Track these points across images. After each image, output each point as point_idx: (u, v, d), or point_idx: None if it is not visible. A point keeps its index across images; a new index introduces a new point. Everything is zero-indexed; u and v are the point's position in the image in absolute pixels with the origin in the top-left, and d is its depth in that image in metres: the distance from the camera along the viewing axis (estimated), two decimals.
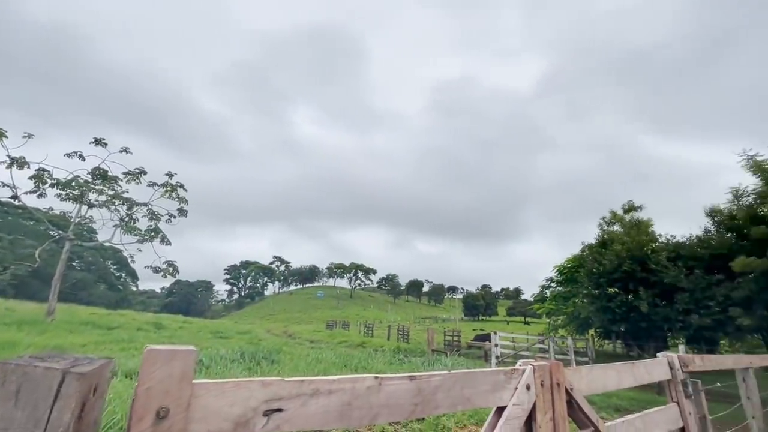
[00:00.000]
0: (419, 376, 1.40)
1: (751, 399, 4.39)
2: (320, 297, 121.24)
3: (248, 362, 10.74)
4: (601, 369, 2.39)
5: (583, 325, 20.77)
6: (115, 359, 0.90)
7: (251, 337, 23.32)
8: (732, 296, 11.77)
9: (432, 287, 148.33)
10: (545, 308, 25.91)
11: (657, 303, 14.23)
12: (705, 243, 14.07)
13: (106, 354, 12.15)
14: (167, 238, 23.88)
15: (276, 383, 1.07)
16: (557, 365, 1.94)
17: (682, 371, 3.14)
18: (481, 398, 1.60)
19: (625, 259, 15.33)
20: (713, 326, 12.58)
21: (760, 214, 11.72)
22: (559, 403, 1.88)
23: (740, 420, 4.50)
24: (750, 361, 4.55)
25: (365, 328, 35.61)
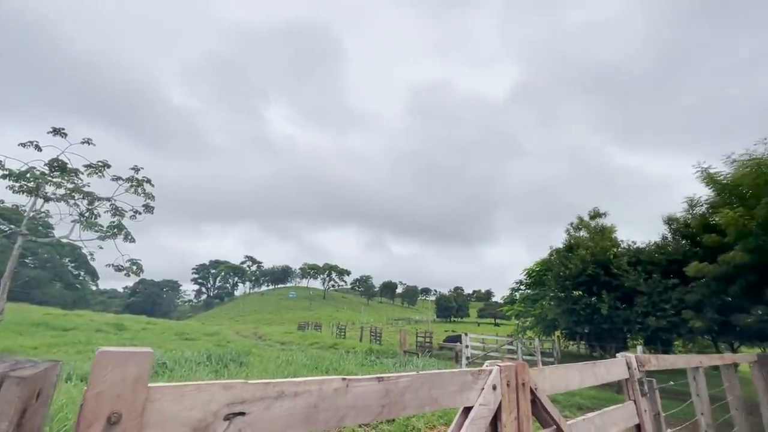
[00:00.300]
0: (387, 377, 1.40)
1: (701, 396, 4.66)
2: (292, 298, 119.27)
3: (215, 365, 10.43)
4: (564, 369, 2.47)
5: (549, 327, 21.49)
6: (61, 362, 0.83)
7: (219, 338, 22.66)
8: (685, 300, 12.52)
9: (405, 289, 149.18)
10: (514, 310, 26.61)
11: (618, 306, 14.93)
12: (662, 249, 14.89)
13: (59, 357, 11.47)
14: (131, 235, 22.81)
15: (239, 386, 1.04)
16: (523, 366, 1.99)
17: (638, 371, 3.30)
18: (449, 399, 1.61)
19: (589, 264, 16.02)
20: (668, 328, 13.33)
21: (712, 223, 12.53)
22: (524, 403, 1.93)
23: (690, 416, 4.78)
24: (700, 360, 4.84)
25: (338, 330, 35.33)
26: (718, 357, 5.79)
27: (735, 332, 11.60)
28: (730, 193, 11.55)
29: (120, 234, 22.49)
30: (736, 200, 11.27)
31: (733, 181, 11.24)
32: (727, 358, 6.01)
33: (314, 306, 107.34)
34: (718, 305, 11.58)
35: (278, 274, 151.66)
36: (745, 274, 10.69)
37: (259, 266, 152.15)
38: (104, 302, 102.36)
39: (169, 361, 9.77)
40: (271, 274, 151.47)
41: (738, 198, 11.25)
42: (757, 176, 10.32)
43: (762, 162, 10.40)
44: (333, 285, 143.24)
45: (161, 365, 9.13)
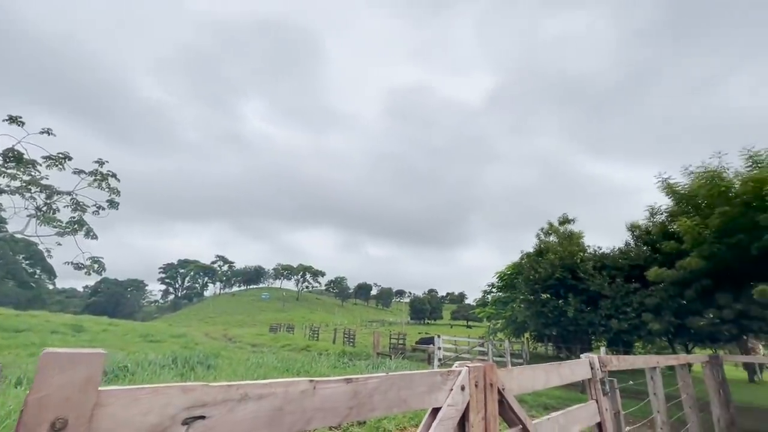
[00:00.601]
0: (356, 378, 1.38)
1: (657, 395, 4.90)
2: (265, 299, 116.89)
3: (181, 368, 10.06)
4: (530, 370, 2.53)
5: (519, 329, 22.06)
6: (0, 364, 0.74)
7: (186, 340, 21.86)
8: (645, 303, 13.17)
9: (380, 291, 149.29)
10: (486, 312, 27.16)
11: (583, 309, 15.53)
12: (625, 255, 15.62)
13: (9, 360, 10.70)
14: (93, 232, 21.63)
15: (199, 389, 0.99)
16: (491, 366, 2.02)
17: (601, 371, 3.42)
18: (418, 400, 1.61)
19: (558, 268, 16.58)
20: (629, 330, 13.98)
21: (671, 231, 13.26)
22: (491, 403, 1.95)
23: (648, 414, 5.02)
24: (657, 361, 5.09)
25: (311, 332, 34.90)
26: (674, 357, 6.12)
27: (689, 334, 12.31)
28: (687, 203, 12.26)
29: (81, 230, 21.32)
30: (693, 210, 11.99)
31: (690, 191, 11.95)
32: (682, 359, 6.35)
33: (287, 307, 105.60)
34: (674, 309, 12.26)
35: (251, 275, 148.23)
36: (699, 279, 11.37)
37: (231, 266, 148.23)
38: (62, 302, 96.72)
39: (131, 364, 9.33)
40: (243, 274, 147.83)
41: (694, 208, 11.97)
42: (711, 188, 11.01)
43: (715, 175, 11.11)
44: (307, 286, 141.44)
45: (122, 368, 8.72)
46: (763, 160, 10.64)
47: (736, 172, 11.09)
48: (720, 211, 10.40)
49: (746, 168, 10.98)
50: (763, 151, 10.76)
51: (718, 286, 11.15)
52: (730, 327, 10.79)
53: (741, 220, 10.24)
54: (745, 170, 10.99)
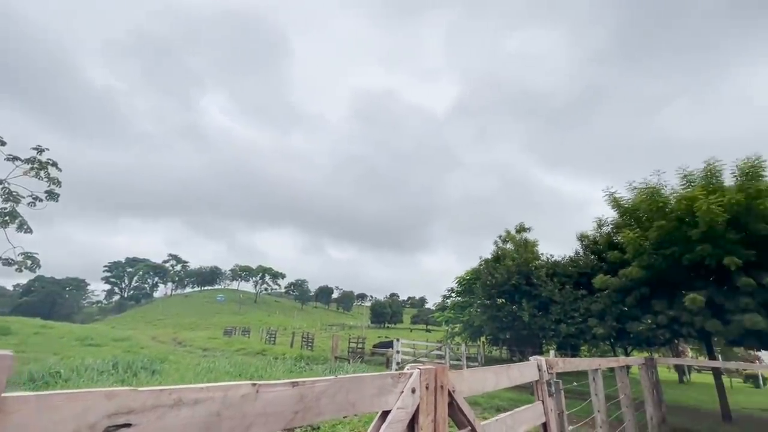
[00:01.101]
0: (302, 382, 1.34)
1: (598, 396, 5.21)
2: (220, 301, 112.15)
3: (123, 373, 9.41)
4: (481, 372, 2.59)
5: (476, 333, 22.68)
6: None
7: (131, 344, 20.48)
8: (591, 309, 14.03)
9: (341, 294, 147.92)
10: (444, 317, 27.72)
11: (536, 314, 16.27)
12: (575, 263, 16.57)
13: None
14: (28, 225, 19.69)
15: (125, 394, 0.92)
16: (442, 369, 2.04)
17: (548, 373, 3.58)
18: (367, 403, 1.59)
19: (514, 274, 17.29)
20: (576, 334, 14.82)
21: (615, 242, 14.24)
22: (441, 405, 1.97)
23: (590, 414, 5.31)
24: (599, 363, 5.41)
25: (267, 335, 33.88)
26: (614, 360, 6.53)
27: (629, 338, 13.23)
28: (630, 216, 13.23)
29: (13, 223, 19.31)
30: (635, 222, 12.95)
31: (633, 205, 12.91)
32: (621, 361, 6.79)
33: (244, 310, 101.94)
34: (616, 314, 13.15)
35: (206, 275, 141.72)
36: (639, 287, 12.27)
37: (185, 266, 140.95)
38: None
39: (65, 369, 8.60)
40: (197, 275, 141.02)
41: (636, 220, 12.94)
42: (651, 203, 11.96)
43: (654, 191, 12.10)
44: (266, 288, 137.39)
45: (53, 375, 8.01)
46: (695, 179, 11.73)
47: (673, 190, 12.14)
48: (657, 225, 11.33)
49: (681, 186, 12.05)
50: (695, 171, 11.86)
51: (655, 294, 12.10)
52: (664, 332, 11.72)
53: (675, 233, 11.19)
54: (680, 188, 12.05)
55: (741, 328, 9.96)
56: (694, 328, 11.02)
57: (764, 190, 10.11)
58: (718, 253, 10.44)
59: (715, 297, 10.54)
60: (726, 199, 10.21)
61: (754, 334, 10.16)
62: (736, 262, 9.98)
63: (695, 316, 10.74)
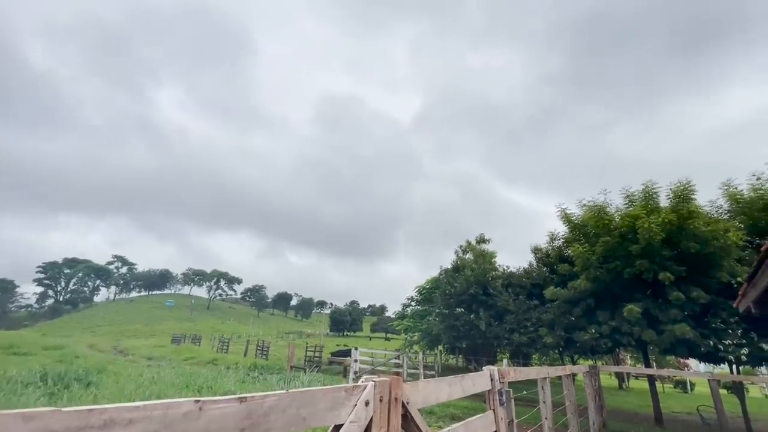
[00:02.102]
0: (251, 397, 1.29)
1: (546, 403, 5.43)
2: (170, 306, 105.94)
3: (52, 386, 8.58)
4: (435, 383, 2.62)
5: (433, 341, 23.00)
6: None
7: (64, 353, 18.72)
8: (542, 319, 14.71)
9: (301, 301, 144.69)
10: (404, 325, 27.89)
11: (492, 323, 16.80)
12: (528, 274, 17.34)
13: None
14: None
15: (46, 415, 0.83)
16: (397, 380, 2.04)
17: (500, 382, 3.69)
18: (319, 418, 1.55)
19: (472, 284, 17.77)
20: (528, 343, 15.45)
21: (566, 255, 15.09)
22: (395, 418, 1.96)
23: (538, 421, 5.53)
24: (548, 372, 5.66)
25: (220, 343, 32.37)
26: (561, 368, 6.86)
27: (576, 347, 13.97)
28: (579, 231, 14.09)
29: None
30: (583, 237, 13.81)
31: (582, 221, 13.79)
32: (568, 369, 7.15)
33: (195, 316, 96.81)
34: (565, 324, 13.87)
35: (154, 279, 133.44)
36: (585, 298, 13.04)
37: (131, 268, 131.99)
38: None
39: None
40: (145, 278, 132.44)
41: (584, 236, 13.79)
42: (597, 219, 12.85)
43: (601, 209, 13.04)
44: (221, 294, 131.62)
45: None
46: (636, 199, 12.75)
47: (617, 208, 13.12)
48: (603, 240, 12.16)
49: (624, 205, 13.05)
50: (636, 192, 12.90)
51: (599, 305, 12.91)
52: (606, 341, 12.50)
53: (618, 249, 12.06)
54: (624, 206, 13.04)
55: (672, 337, 10.84)
56: (633, 337, 11.85)
57: (694, 211, 11.17)
58: (654, 269, 11.36)
59: (651, 309, 11.43)
60: (661, 218, 11.16)
61: (684, 343, 11.10)
62: (669, 277, 10.90)
63: (634, 326, 11.55)
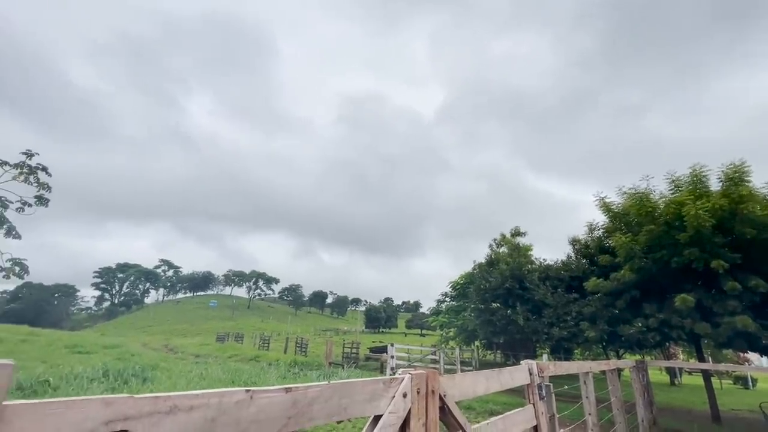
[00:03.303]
0: (295, 387, 1.38)
1: (589, 399, 5.27)
2: (213, 307, 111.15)
3: (113, 381, 9.29)
4: (472, 376, 2.63)
5: (470, 337, 22.75)
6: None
7: (121, 351, 20.16)
8: (583, 312, 14.16)
9: (336, 299, 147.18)
10: (438, 321, 27.75)
11: (529, 317, 16.38)
12: (567, 267, 16.73)
13: None
14: (16, 231, 19.40)
15: (121, 401, 0.95)
16: (434, 374, 2.08)
17: (538, 376, 3.63)
18: (358, 408, 1.63)
19: (507, 278, 17.40)
20: (569, 338, 14.93)
21: (606, 245, 14.43)
22: (433, 409, 2.01)
23: (582, 416, 5.38)
24: (590, 367, 5.48)
25: (261, 341, 33.62)
26: (605, 363, 6.61)
27: (620, 341, 13.36)
28: (620, 220, 13.42)
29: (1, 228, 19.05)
30: (625, 227, 13.15)
31: (623, 210, 13.12)
32: (612, 364, 6.88)
33: (237, 316, 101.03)
34: (608, 317, 13.28)
35: (198, 281, 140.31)
36: (629, 290, 12.42)
37: (177, 271, 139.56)
38: None
39: (54, 378, 8.46)
40: (190, 280, 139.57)
41: (626, 225, 13.12)
42: (640, 207, 12.15)
43: (643, 196, 12.32)
44: (259, 294, 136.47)
45: (42, 383, 7.88)
46: (683, 184, 11.96)
47: (661, 194, 12.36)
48: (647, 229, 11.51)
49: (669, 191, 12.28)
50: (682, 176, 12.09)
51: (645, 297, 12.25)
52: (654, 335, 11.86)
53: (664, 237, 11.37)
54: (669, 192, 12.27)
55: (730, 330, 10.11)
56: (684, 330, 11.17)
57: (747, 195, 10.33)
58: (706, 257, 10.62)
59: (703, 300, 10.71)
60: (711, 203, 10.42)
61: (743, 336, 10.33)
62: (723, 265, 10.16)
63: (685, 318, 10.89)
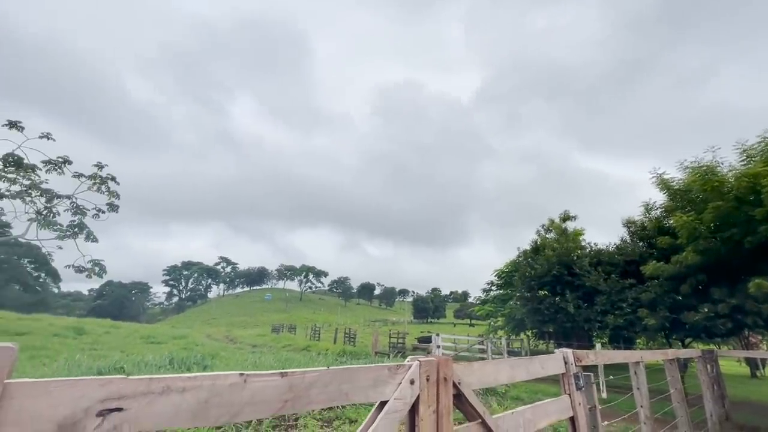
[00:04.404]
0: (292, 372, 1.43)
1: (641, 390, 4.92)
2: (268, 300, 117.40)
3: (177, 368, 10.16)
4: (494, 364, 2.56)
5: (518, 326, 22.05)
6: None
7: (187, 342, 22.00)
8: (641, 299, 13.12)
9: (383, 290, 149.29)
10: (484, 310, 27.15)
11: (580, 305, 15.51)
12: (621, 250, 15.57)
13: None
14: (94, 235, 21.78)
15: (117, 381, 1.04)
16: (446, 361, 2.06)
17: (575, 365, 3.45)
18: (361, 393, 1.65)
19: (554, 264, 16.57)
20: (625, 326, 13.95)
21: (666, 226, 13.22)
22: (445, 397, 1.99)
23: (631, 408, 5.04)
24: (641, 356, 5.10)
25: (312, 332, 35.02)
26: (661, 352, 6.11)
27: (685, 329, 12.23)
28: (681, 198, 12.20)
29: (81, 233, 21.49)
30: (687, 204, 11.94)
31: (685, 186, 11.89)
32: (670, 354, 6.35)
33: (290, 308, 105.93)
34: (669, 304, 12.21)
35: (254, 276, 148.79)
36: (694, 274, 11.32)
37: (234, 267, 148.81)
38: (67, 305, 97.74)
39: (128, 365, 9.45)
40: (246, 275, 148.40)
41: (689, 202, 11.91)
42: (704, 182, 10.92)
43: (709, 170, 11.05)
44: (310, 287, 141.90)
45: (118, 369, 8.82)
46: (756, 154, 10.59)
47: (730, 167, 11.03)
48: (713, 206, 10.35)
49: (740, 162, 10.93)
50: (756, 145, 10.71)
51: (713, 281, 11.12)
52: (725, 322, 10.72)
53: (735, 214, 10.18)
54: (739, 164, 10.93)
55: None
56: (761, 317, 10.02)
57: None
58: None
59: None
60: None
61: None
62: None
63: (762, 304, 9.75)
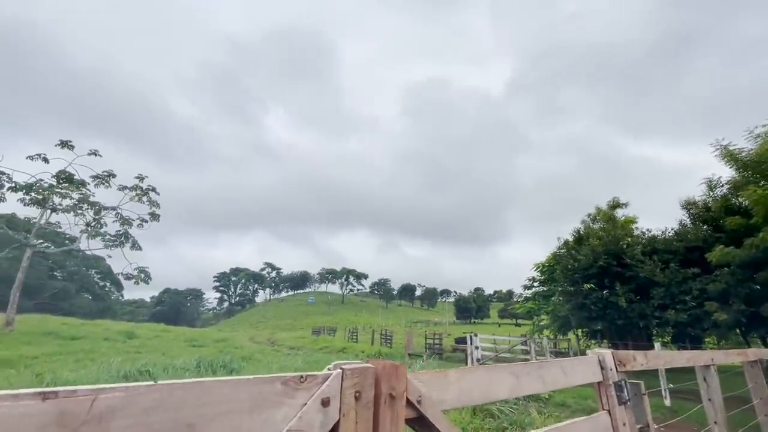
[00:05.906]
0: (61, 392, 0.81)
1: (713, 401, 3.87)
2: (311, 303, 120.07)
3: (203, 371, 10.10)
4: (484, 372, 1.79)
5: (565, 325, 20.33)
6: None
7: (226, 345, 22.55)
8: (708, 290, 11.36)
9: (424, 291, 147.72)
10: (525, 308, 25.40)
11: (632, 299, 13.84)
12: (681, 236, 13.70)
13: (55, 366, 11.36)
14: (138, 243, 23.02)
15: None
16: (393, 368, 1.33)
17: (616, 371, 2.57)
18: (224, 423, 0.98)
19: (600, 254, 14.93)
20: (690, 322, 12.17)
21: (735, 204, 11.43)
22: (390, 424, 1.30)
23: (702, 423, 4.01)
24: (711, 358, 4.04)
25: (350, 334, 34.94)
26: (738, 353, 4.93)
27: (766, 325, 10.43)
28: (754, 170, 10.44)
29: (127, 243, 22.75)
30: (762, 177, 10.18)
31: (757, 156, 10.14)
32: (750, 354, 5.13)
33: (333, 311, 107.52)
34: (745, 295, 10.43)
35: (297, 280, 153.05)
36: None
37: (279, 272, 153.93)
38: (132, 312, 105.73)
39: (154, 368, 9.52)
40: (290, 280, 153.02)
41: (763, 175, 10.16)
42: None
43: None
44: (351, 289, 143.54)
45: (143, 372, 8.85)
46: None
47: None
48: None
49: None
50: None
51: None
52: None
53: None
54: None
55: None
56: None
57: None
58: None
59: None
60: None
61: None
62: None
63: None
